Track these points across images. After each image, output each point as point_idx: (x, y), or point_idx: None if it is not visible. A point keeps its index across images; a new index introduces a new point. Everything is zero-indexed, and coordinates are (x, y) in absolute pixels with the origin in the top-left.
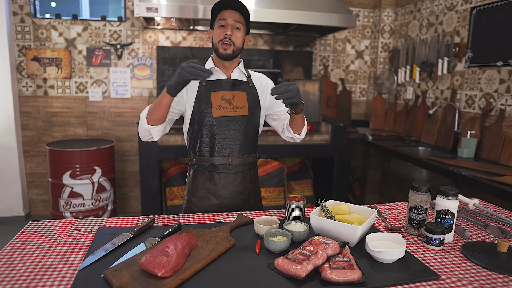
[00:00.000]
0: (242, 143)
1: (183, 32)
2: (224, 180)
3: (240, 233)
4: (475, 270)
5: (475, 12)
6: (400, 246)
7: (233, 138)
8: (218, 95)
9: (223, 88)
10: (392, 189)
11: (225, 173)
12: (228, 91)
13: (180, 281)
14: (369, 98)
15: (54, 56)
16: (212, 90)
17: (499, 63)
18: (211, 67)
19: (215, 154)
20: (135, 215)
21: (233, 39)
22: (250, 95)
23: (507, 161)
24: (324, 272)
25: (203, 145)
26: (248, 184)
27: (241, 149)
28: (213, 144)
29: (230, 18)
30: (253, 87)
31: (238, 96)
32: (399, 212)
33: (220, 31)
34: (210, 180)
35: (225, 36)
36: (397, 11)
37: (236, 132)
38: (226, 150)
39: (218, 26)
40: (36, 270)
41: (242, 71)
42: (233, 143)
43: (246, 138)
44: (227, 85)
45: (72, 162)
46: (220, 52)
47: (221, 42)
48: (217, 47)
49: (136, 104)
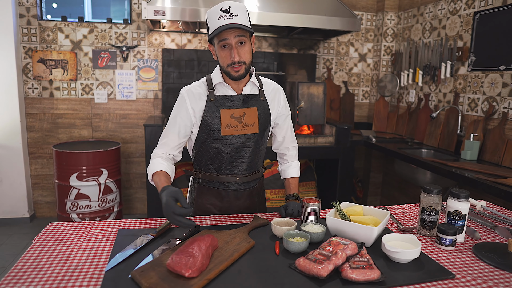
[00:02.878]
0: (251, 161)
1: (188, 34)
2: (231, 197)
3: (257, 234)
4: (488, 269)
5: (478, 17)
6: (415, 247)
7: (242, 157)
8: (228, 113)
9: (233, 105)
10: (394, 190)
11: (232, 190)
12: (239, 109)
13: (206, 281)
14: (372, 101)
15: (60, 58)
16: (221, 107)
17: (502, 67)
18: (219, 83)
19: (222, 172)
20: (140, 216)
21: (242, 59)
22: (261, 109)
23: (510, 164)
24: (344, 272)
25: (209, 161)
26: (255, 197)
27: (249, 167)
28: (221, 162)
29: (231, 36)
30: (264, 100)
31: (249, 113)
32: (409, 213)
33: (225, 54)
34: (216, 196)
35: (232, 62)
36: (400, 15)
37: (245, 151)
38: (233, 169)
39: (221, 47)
40: (63, 271)
41: (255, 83)
42: (242, 161)
43: (255, 156)
44: (237, 102)
45: (79, 164)
46: (232, 75)
47: (230, 66)
48: (227, 71)
49: (141, 106)
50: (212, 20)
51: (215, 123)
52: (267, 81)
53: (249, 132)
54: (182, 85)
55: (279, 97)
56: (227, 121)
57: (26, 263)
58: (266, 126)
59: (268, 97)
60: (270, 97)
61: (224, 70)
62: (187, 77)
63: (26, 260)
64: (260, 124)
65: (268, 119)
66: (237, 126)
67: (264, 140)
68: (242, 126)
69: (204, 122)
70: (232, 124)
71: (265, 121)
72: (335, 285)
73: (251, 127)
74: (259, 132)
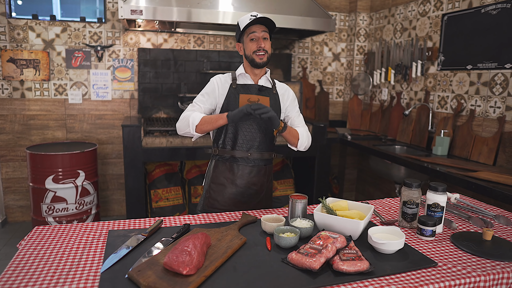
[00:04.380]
0: (261, 141)
1: (164, 34)
2: (242, 171)
3: (247, 231)
4: (466, 257)
5: (446, 19)
6: (399, 238)
7: (253, 135)
8: (245, 97)
9: (250, 92)
10: (368, 186)
11: (243, 165)
12: (254, 95)
13: (204, 278)
14: (346, 99)
15: (32, 58)
16: (240, 93)
17: (469, 67)
18: (241, 73)
19: (236, 148)
20: (117, 218)
21: (266, 48)
22: (273, 100)
23: (478, 158)
24: (335, 264)
25: (227, 139)
26: (262, 177)
27: (259, 146)
28: (236, 139)
29: (259, 31)
30: (276, 94)
31: (262, 100)
32: (389, 207)
33: (252, 44)
34: (229, 170)
35: (259, 48)
36: (371, 16)
37: (256, 131)
38: (246, 145)
39: (250, 40)
40: (57, 274)
41: (268, 79)
42: (253, 140)
43: (265, 137)
44: (254, 90)
45: (55, 166)
46: (257, 61)
47: (255, 53)
48: (252, 58)
49: (117, 106)
50: (244, 21)
51: (234, 106)
52: (281, 84)
53: None
54: (159, 85)
55: (288, 93)
56: (244, 104)
57: (17, 267)
58: (276, 113)
59: (280, 92)
60: (281, 93)
61: (249, 58)
62: (163, 76)
63: (17, 264)
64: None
65: (278, 109)
66: None
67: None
68: None
69: (225, 104)
70: None
71: (275, 109)
72: (327, 277)
73: None
74: None
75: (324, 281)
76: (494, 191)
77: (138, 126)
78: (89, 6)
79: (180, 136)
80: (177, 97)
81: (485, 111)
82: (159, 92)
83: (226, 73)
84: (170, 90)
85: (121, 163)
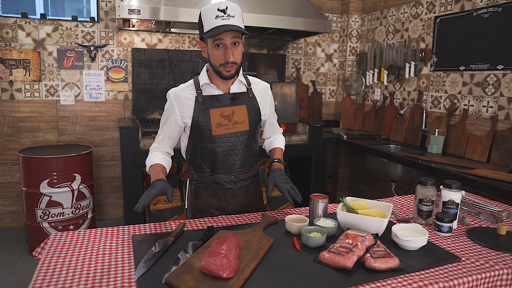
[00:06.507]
0: (244, 159)
1: (159, 34)
2: (228, 195)
3: (270, 232)
4: (485, 251)
5: (439, 21)
6: (422, 235)
7: (235, 155)
8: (217, 112)
9: (222, 104)
10: (362, 185)
11: (228, 189)
12: (228, 107)
13: (243, 280)
14: (338, 99)
15: (21, 58)
16: (210, 107)
17: (461, 68)
18: (205, 83)
19: (216, 171)
20: (112, 222)
21: (235, 60)
22: (250, 107)
23: (472, 156)
24: (368, 262)
25: (203, 162)
26: (251, 195)
27: (243, 164)
28: (214, 162)
29: (228, 37)
30: (253, 97)
31: (238, 110)
32: (401, 205)
33: (218, 53)
34: (213, 196)
35: (226, 61)
36: (363, 17)
37: (237, 148)
38: (228, 167)
39: (215, 46)
40: (89, 282)
41: (242, 81)
42: (235, 160)
43: (247, 153)
44: (226, 101)
45: (50, 170)
46: (224, 74)
47: (223, 66)
48: (219, 70)
49: (111, 108)
50: (208, 18)
51: (205, 123)
52: (255, 79)
53: (239, 129)
54: (153, 85)
55: (266, 93)
56: (217, 121)
57: (45, 277)
58: (257, 122)
59: (258, 95)
60: (260, 95)
61: (215, 68)
62: (158, 77)
63: (44, 274)
64: (250, 121)
65: (258, 116)
66: (228, 125)
67: (256, 136)
68: (232, 124)
69: (195, 123)
70: (222, 123)
71: (255, 118)
72: (361, 275)
73: (242, 125)
74: (249, 129)
75: (360, 279)
76: (495, 188)
77: (136, 128)
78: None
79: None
80: None
81: (478, 110)
82: (153, 93)
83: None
84: (165, 91)
85: (115, 166)
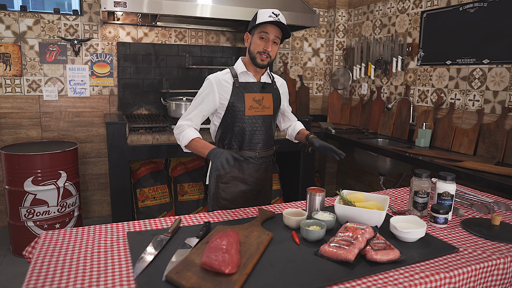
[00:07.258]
0: (266, 139)
1: (145, 28)
2: (251, 169)
3: (268, 226)
4: (481, 241)
5: (425, 16)
6: (419, 226)
7: (260, 134)
8: (251, 96)
9: (254, 90)
10: (349, 179)
11: (252, 164)
12: (259, 93)
13: (246, 275)
14: (325, 94)
15: (1, 52)
16: (245, 92)
17: (448, 62)
18: (242, 71)
19: (244, 147)
20: (99, 220)
21: (271, 53)
22: (274, 96)
23: (459, 149)
24: (369, 254)
25: (233, 139)
26: (268, 172)
27: (265, 144)
28: (243, 139)
29: (272, 34)
30: (276, 89)
31: (266, 97)
32: (395, 197)
33: (260, 43)
34: (238, 169)
35: (264, 50)
36: (350, 12)
37: (262, 129)
38: (253, 144)
39: (259, 37)
40: (86, 281)
41: (269, 74)
42: (260, 138)
43: (269, 134)
44: (257, 88)
45: (34, 167)
46: (258, 62)
47: (260, 53)
48: (254, 56)
49: (96, 103)
50: (263, 16)
51: (240, 105)
52: (276, 75)
53: (266, 113)
54: (139, 80)
55: (284, 87)
56: (249, 103)
57: (38, 277)
58: (278, 109)
59: (280, 87)
60: (281, 88)
61: (252, 55)
62: (144, 72)
63: (37, 274)
64: (274, 107)
65: (279, 104)
66: (258, 108)
67: (275, 122)
68: (261, 108)
69: (231, 104)
70: (254, 106)
71: (277, 105)
72: (363, 267)
73: (268, 109)
74: (273, 114)
75: (362, 271)
76: (483, 179)
77: (123, 123)
78: None
79: (166, 133)
80: (159, 93)
81: (464, 104)
82: (140, 88)
83: (222, 70)
84: (152, 86)
85: (101, 162)
